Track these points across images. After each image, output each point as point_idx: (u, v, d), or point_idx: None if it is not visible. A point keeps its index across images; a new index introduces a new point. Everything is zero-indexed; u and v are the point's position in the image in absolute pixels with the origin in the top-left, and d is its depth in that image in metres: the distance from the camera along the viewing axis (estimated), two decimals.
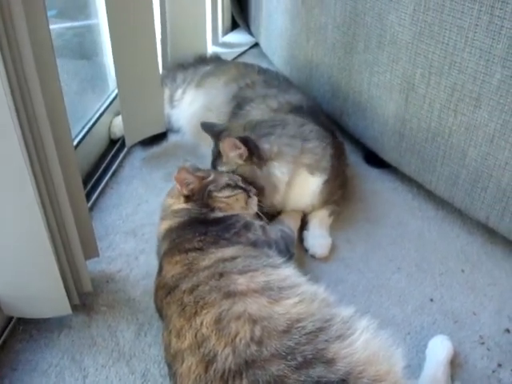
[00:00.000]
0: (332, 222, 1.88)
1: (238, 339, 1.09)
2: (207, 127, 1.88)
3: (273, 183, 1.73)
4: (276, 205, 1.81)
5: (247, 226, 1.48)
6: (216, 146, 1.81)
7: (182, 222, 1.46)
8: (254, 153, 1.70)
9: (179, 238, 1.41)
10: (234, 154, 1.70)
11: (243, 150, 1.68)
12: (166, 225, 1.50)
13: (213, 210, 1.53)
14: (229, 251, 1.35)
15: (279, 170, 1.72)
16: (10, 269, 1.37)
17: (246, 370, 1.04)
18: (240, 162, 1.70)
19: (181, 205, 1.54)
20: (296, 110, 1.94)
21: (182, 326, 1.18)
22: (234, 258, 1.31)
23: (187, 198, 1.54)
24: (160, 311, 1.35)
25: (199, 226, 1.43)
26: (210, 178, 1.57)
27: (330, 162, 1.82)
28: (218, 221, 1.47)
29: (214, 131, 1.85)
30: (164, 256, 1.40)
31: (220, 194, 1.56)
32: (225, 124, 1.93)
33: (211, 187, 1.56)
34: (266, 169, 1.72)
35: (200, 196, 1.54)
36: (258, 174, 1.71)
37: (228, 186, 1.58)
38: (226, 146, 1.69)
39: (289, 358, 1.04)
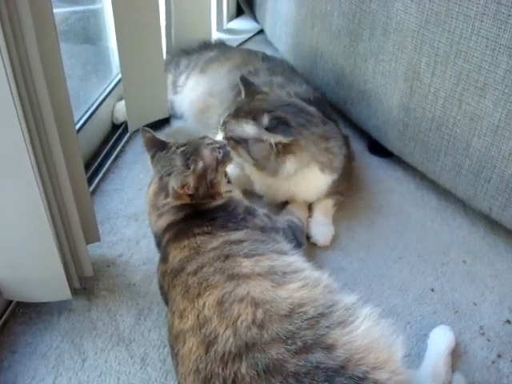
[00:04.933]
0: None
1: (239, 321, 1.09)
2: (246, 81, 1.85)
3: (277, 170, 1.71)
4: (280, 196, 1.82)
5: (251, 212, 1.47)
6: (245, 102, 1.77)
7: (187, 214, 1.43)
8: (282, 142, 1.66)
9: (187, 225, 1.40)
10: (271, 138, 1.65)
11: (284, 141, 1.64)
12: (166, 220, 1.45)
13: (216, 197, 1.50)
14: (237, 235, 1.34)
15: (291, 164, 1.70)
16: (10, 253, 1.37)
17: (246, 352, 1.04)
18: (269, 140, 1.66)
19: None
20: (304, 102, 1.93)
21: (185, 308, 1.19)
22: (241, 241, 1.31)
23: (192, 197, 1.46)
24: (166, 296, 1.34)
25: (206, 214, 1.42)
26: (201, 165, 1.46)
27: (343, 163, 1.82)
28: (221, 207, 1.45)
29: (249, 90, 1.82)
30: (169, 243, 1.39)
31: (219, 177, 1.51)
32: (262, 89, 1.87)
33: (209, 176, 1.48)
34: (280, 158, 1.69)
35: (203, 189, 1.49)
36: (271, 156, 1.68)
37: (221, 161, 1.52)
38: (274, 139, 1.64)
39: (289, 342, 1.05)
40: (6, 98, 1.10)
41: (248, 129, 1.67)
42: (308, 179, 1.77)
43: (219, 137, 1.74)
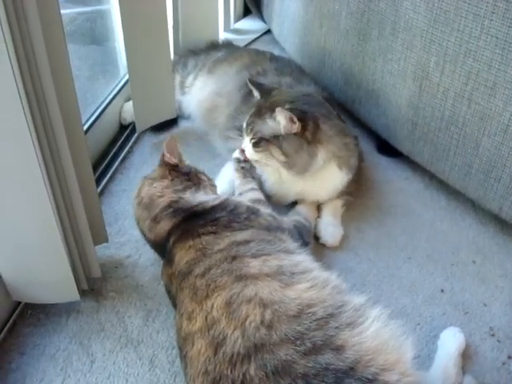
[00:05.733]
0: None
1: (247, 322, 1.09)
2: (255, 84, 1.85)
3: (308, 164, 1.70)
4: (291, 195, 1.81)
5: (254, 211, 1.47)
6: (263, 100, 1.77)
7: (184, 217, 1.43)
8: (308, 129, 1.65)
9: (190, 225, 1.39)
10: (287, 124, 1.63)
11: (298, 125, 1.62)
12: (167, 226, 1.44)
13: (196, 187, 1.55)
14: (243, 235, 1.34)
15: (321, 156, 1.69)
16: (18, 254, 1.37)
17: (255, 353, 1.04)
18: (291, 131, 1.65)
19: (167, 197, 1.49)
20: None
21: (193, 309, 1.18)
22: (247, 242, 1.30)
23: (172, 172, 1.54)
24: (174, 299, 1.34)
25: (206, 215, 1.41)
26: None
27: (357, 162, 1.83)
28: (219, 207, 1.44)
29: (263, 89, 1.82)
30: (174, 244, 1.38)
31: (205, 178, 1.63)
32: (274, 86, 1.88)
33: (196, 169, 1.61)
34: (312, 149, 1.67)
35: (187, 172, 1.57)
36: (303, 148, 1.67)
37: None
38: (281, 116, 1.62)
39: (298, 343, 1.04)
40: (14, 100, 1.10)
41: (274, 124, 1.66)
42: (326, 176, 1.76)
43: (246, 140, 1.74)
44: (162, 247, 1.45)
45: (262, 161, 1.73)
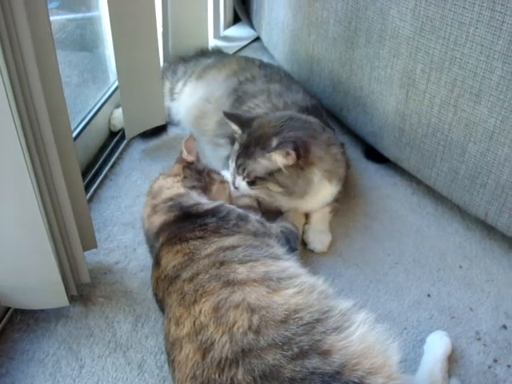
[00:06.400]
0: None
1: (235, 328, 1.09)
2: (232, 117, 1.80)
3: (306, 188, 1.70)
4: (285, 208, 1.82)
5: (243, 218, 1.47)
6: (247, 136, 1.73)
7: (177, 215, 1.45)
8: (301, 156, 1.63)
9: (179, 229, 1.41)
10: (283, 159, 1.62)
11: (293, 156, 1.61)
12: (160, 219, 1.46)
13: (207, 190, 1.58)
14: (230, 240, 1.34)
15: (316, 177, 1.70)
16: (7, 260, 1.37)
17: (243, 358, 1.04)
18: (288, 164, 1.63)
19: (174, 189, 1.53)
20: (302, 111, 1.92)
21: (181, 314, 1.19)
22: (234, 247, 1.31)
23: (186, 170, 1.58)
24: (161, 303, 1.34)
25: (197, 218, 1.42)
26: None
27: (345, 172, 1.84)
28: (211, 212, 1.45)
29: (242, 121, 1.78)
30: (162, 247, 1.39)
31: (218, 178, 1.67)
32: (252, 114, 1.86)
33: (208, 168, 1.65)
34: (306, 174, 1.68)
35: (200, 171, 1.61)
36: (299, 175, 1.67)
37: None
38: (277, 156, 1.61)
39: (285, 347, 1.05)
40: (3, 106, 1.11)
41: (269, 163, 1.65)
42: (315, 191, 1.74)
43: (239, 180, 1.71)
44: (151, 246, 1.47)
45: (259, 195, 1.73)
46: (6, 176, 1.22)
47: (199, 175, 1.61)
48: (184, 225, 1.41)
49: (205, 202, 1.50)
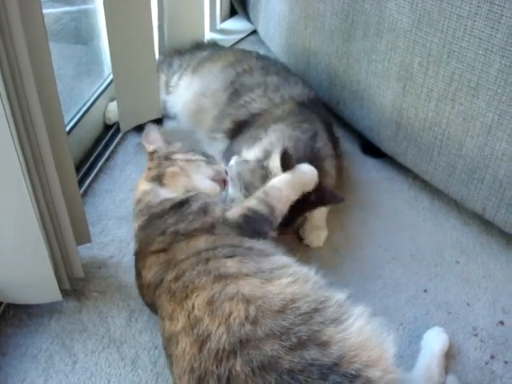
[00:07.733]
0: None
1: (232, 318, 1.08)
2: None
3: None
4: None
5: (205, 209, 1.41)
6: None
7: (145, 220, 1.44)
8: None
9: (144, 238, 1.40)
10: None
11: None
12: (136, 224, 1.47)
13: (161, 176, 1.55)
14: (201, 244, 1.31)
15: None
16: (0, 254, 1.36)
17: (241, 349, 1.03)
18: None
19: (141, 187, 1.54)
20: (299, 105, 1.91)
21: (173, 310, 1.18)
22: (213, 249, 1.28)
23: (151, 161, 1.60)
24: (152, 306, 1.34)
25: (158, 223, 1.40)
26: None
27: (336, 180, 1.82)
28: (175, 208, 1.42)
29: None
30: (137, 259, 1.40)
31: (181, 156, 1.61)
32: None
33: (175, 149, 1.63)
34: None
35: (161, 156, 1.60)
36: None
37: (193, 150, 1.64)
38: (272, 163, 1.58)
39: (283, 338, 1.04)
40: None
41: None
42: None
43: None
44: None
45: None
46: None
47: (160, 161, 1.60)
48: (147, 234, 1.40)
49: (168, 198, 1.47)
